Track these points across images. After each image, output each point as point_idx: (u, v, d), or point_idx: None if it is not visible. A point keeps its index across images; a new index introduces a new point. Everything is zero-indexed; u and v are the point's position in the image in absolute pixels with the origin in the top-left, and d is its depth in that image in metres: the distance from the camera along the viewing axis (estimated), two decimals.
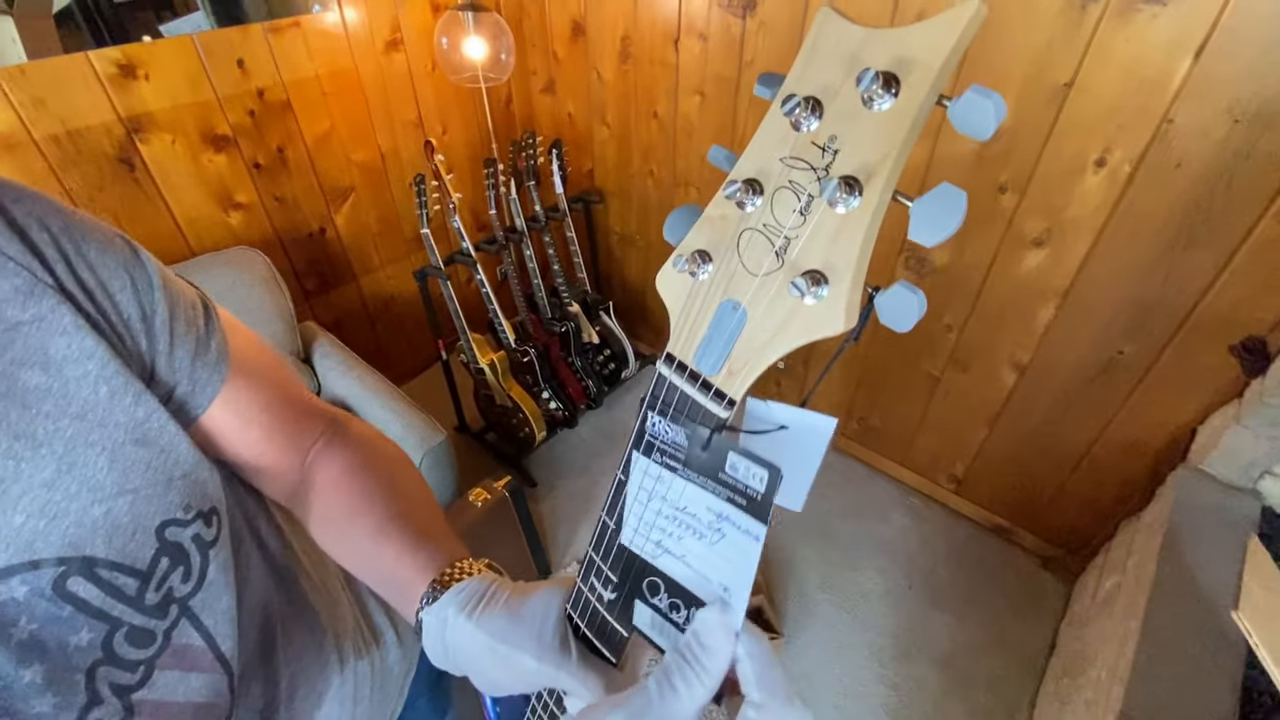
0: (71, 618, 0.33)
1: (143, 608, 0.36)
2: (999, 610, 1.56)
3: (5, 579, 0.31)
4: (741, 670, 0.28)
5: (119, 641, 0.36)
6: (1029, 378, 1.48)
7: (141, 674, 0.37)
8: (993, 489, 1.71)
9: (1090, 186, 1.21)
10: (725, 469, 0.27)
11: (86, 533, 0.33)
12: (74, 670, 0.34)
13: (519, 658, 0.34)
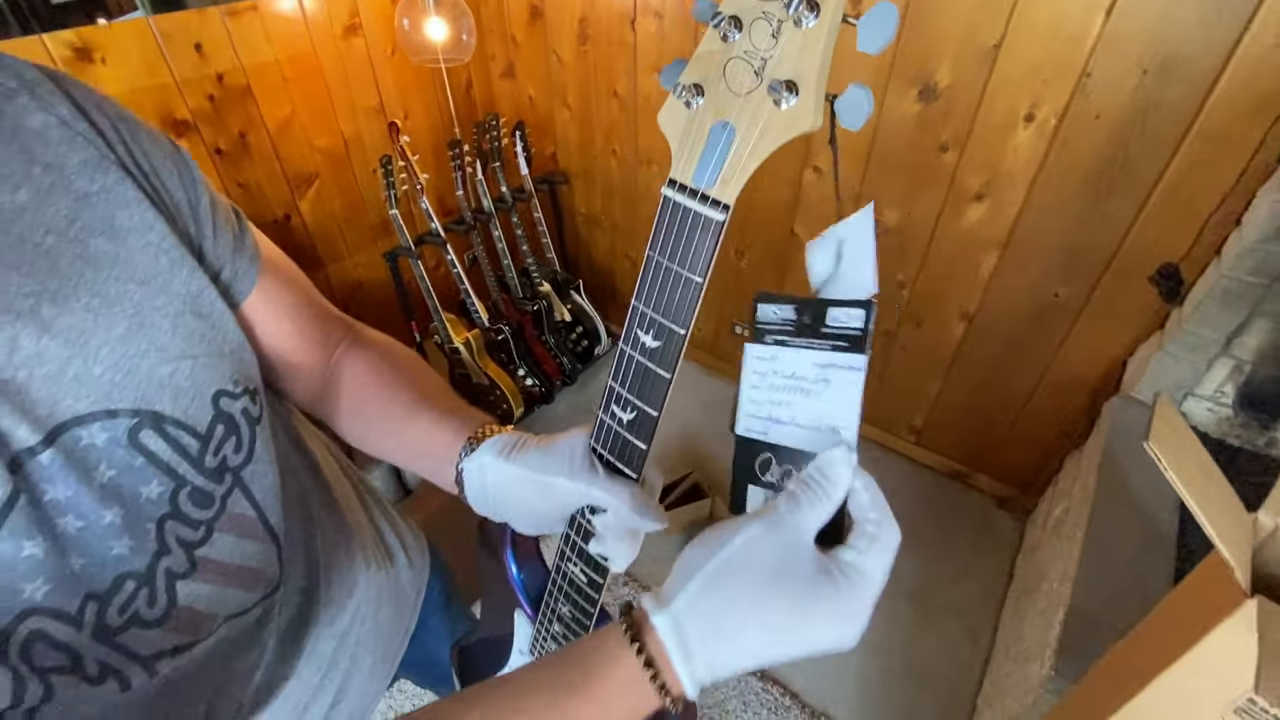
0: (143, 469, 0.37)
1: (203, 469, 0.40)
2: (961, 548, 1.67)
3: (87, 424, 0.34)
4: (857, 500, 0.32)
5: (183, 499, 0.39)
6: (976, 326, 1.59)
7: (203, 533, 0.41)
8: (949, 437, 1.82)
9: (1022, 140, 1.31)
10: (827, 323, 0.33)
11: (154, 390, 0.37)
12: (146, 519, 0.38)
13: (553, 481, 0.39)
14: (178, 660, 0.40)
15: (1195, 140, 1.13)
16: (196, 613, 0.41)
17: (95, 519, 0.36)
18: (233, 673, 0.45)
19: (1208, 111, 1.10)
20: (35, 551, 0.33)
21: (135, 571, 0.38)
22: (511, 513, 0.43)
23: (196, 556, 0.41)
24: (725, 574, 0.31)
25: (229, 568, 0.43)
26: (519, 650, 0.53)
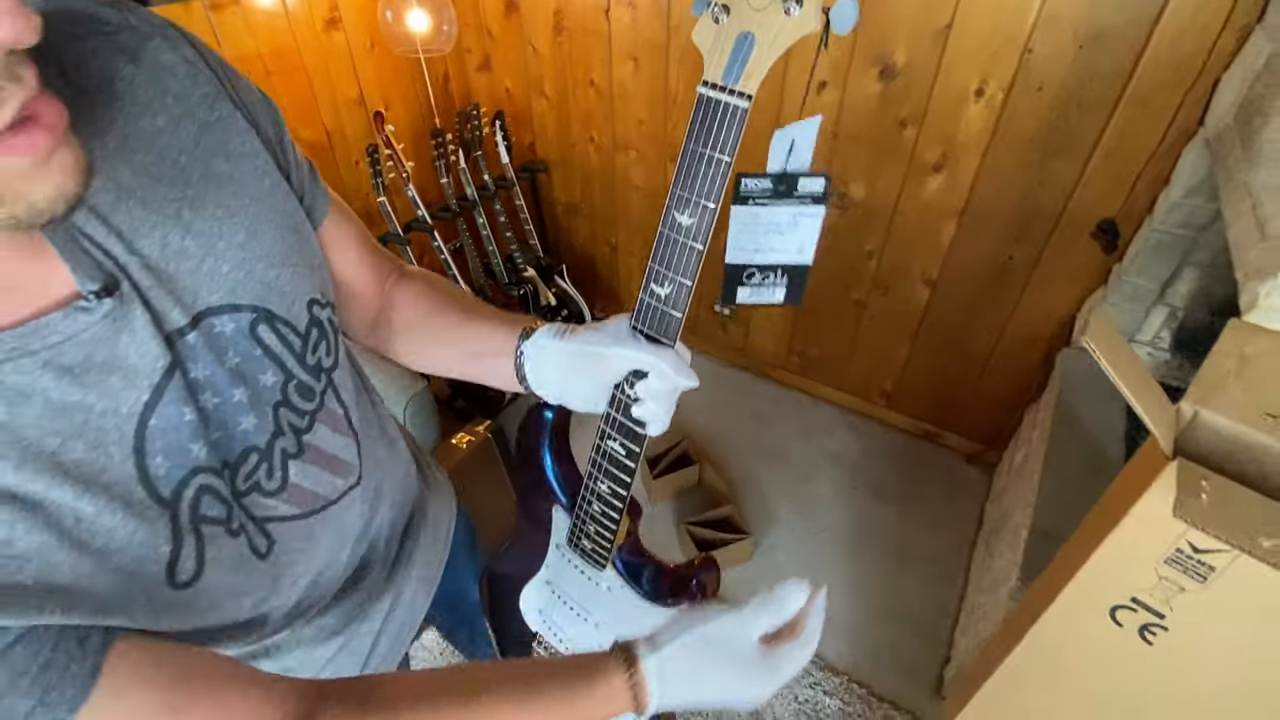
0: (261, 359, 0.43)
1: (305, 366, 0.46)
2: (934, 499, 1.78)
3: (219, 315, 0.41)
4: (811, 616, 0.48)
5: (292, 390, 0.46)
6: (940, 291, 1.70)
7: (308, 422, 0.48)
8: (918, 399, 1.94)
9: (974, 114, 1.43)
10: (798, 189, 0.42)
11: (265, 290, 0.43)
12: (265, 403, 0.44)
13: (605, 351, 0.47)
14: (287, 527, 0.46)
15: (1126, 106, 1.25)
16: (303, 490, 0.48)
17: (228, 397, 0.42)
18: (327, 549, 0.52)
19: (1136, 79, 1.22)
20: (192, 418, 0.39)
21: (258, 446, 0.44)
22: (566, 388, 0.51)
23: (304, 441, 0.47)
24: (702, 644, 0.45)
25: (326, 455, 0.49)
26: (555, 545, 0.60)
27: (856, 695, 1.35)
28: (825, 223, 1.65)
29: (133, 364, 0.37)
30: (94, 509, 0.36)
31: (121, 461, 0.37)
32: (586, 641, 0.61)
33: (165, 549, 0.39)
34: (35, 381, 0.33)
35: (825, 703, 1.34)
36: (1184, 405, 0.66)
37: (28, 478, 0.33)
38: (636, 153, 2.00)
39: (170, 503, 0.39)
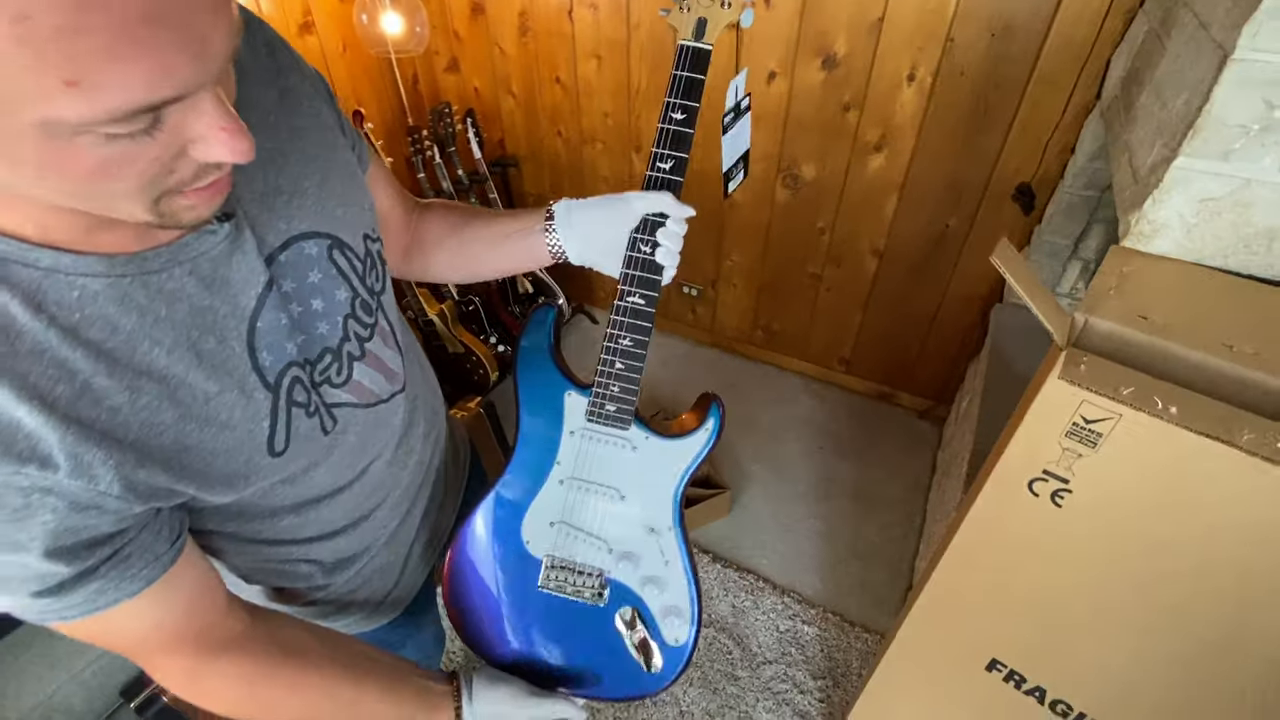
0: (335, 278, 0.53)
1: (365, 287, 0.57)
2: (891, 453, 1.94)
3: (304, 240, 0.51)
4: None
5: (357, 306, 0.56)
6: (886, 260, 1.87)
7: (368, 333, 0.58)
8: (873, 363, 2.10)
9: (907, 97, 1.59)
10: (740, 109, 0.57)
11: (337, 223, 0.54)
12: (337, 314, 0.54)
13: (625, 197, 0.61)
14: (347, 413, 0.57)
15: (1035, 85, 1.43)
16: (363, 386, 0.58)
17: (309, 306, 0.52)
18: (375, 441, 0.62)
19: (1041, 61, 1.40)
20: (286, 322, 0.50)
21: (331, 348, 0.54)
22: (590, 242, 0.63)
23: (365, 348, 0.58)
24: (497, 717, 0.64)
25: (380, 361, 0.60)
26: (569, 431, 0.70)
27: (832, 623, 1.49)
28: (779, 202, 1.80)
29: (243, 277, 0.47)
30: (219, 389, 0.46)
31: (240, 353, 0.47)
32: (612, 530, 0.69)
33: (266, 424, 0.49)
34: (183, 287, 0.43)
35: (804, 630, 1.47)
36: (1076, 316, 0.82)
37: (176, 361, 0.43)
38: (603, 145, 2.12)
39: (273, 388, 0.49)
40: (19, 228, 0.37)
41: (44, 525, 0.39)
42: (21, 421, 0.37)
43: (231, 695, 0.54)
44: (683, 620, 0.70)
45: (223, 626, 0.53)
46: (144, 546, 0.45)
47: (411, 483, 0.70)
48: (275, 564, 0.63)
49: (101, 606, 0.44)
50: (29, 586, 0.40)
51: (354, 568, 0.68)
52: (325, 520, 0.62)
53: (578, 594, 0.70)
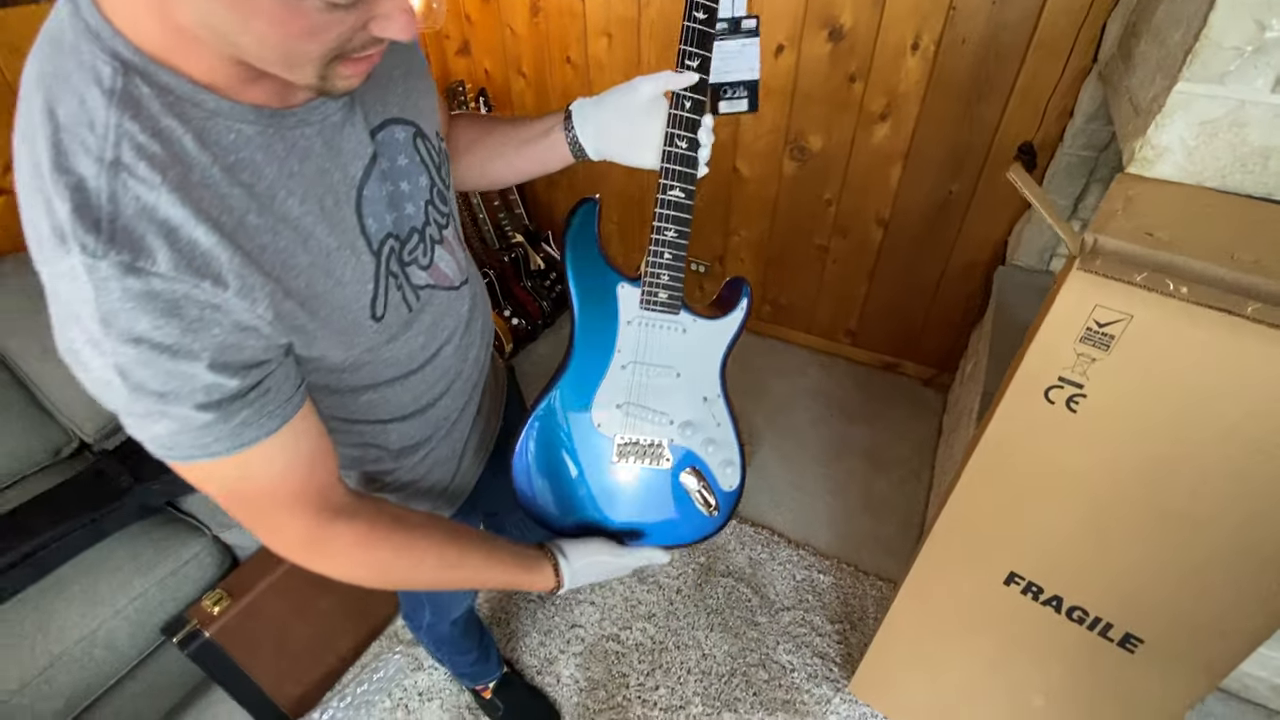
0: (417, 165, 0.58)
1: (440, 178, 0.61)
2: (899, 418, 1.99)
3: (395, 124, 0.56)
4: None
5: (434, 196, 0.61)
6: (891, 230, 1.92)
7: (445, 220, 0.63)
8: (879, 334, 2.16)
9: (911, 66, 1.65)
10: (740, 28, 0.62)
11: (419, 113, 0.58)
12: (420, 199, 0.59)
13: (631, 88, 0.66)
14: (427, 294, 0.62)
15: (1034, 51, 1.49)
16: (440, 270, 0.63)
17: (400, 187, 0.56)
18: (443, 328, 0.67)
19: (1040, 28, 1.46)
20: (385, 195, 0.54)
21: (417, 229, 0.58)
22: (608, 132, 0.68)
23: (443, 234, 0.63)
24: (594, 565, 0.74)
25: (453, 250, 0.65)
26: (626, 321, 0.74)
27: (846, 572, 1.53)
28: (786, 175, 1.85)
29: (353, 148, 0.51)
30: (337, 244, 0.50)
31: (350, 217, 0.51)
32: (673, 403, 0.75)
33: (370, 286, 0.54)
34: (311, 146, 0.48)
35: (820, 579, 1.51)
36: (1085, 235, 0.87)
37: (305, 213, 0.48)
38: None
39: (375, 253, 0.54)
40: (190, 70, 0.41)
41: (213, 338, 0.43)
42: (199, 241, 0.41)
43: (347, 557, 0.58)
44: (734, 468, 0.79)
45: (337, 491, 0.57)
46: (279, 386, 0.49)
47: (470, 376, 0.74)
48: (351, 446, 0.67)
49: (246, 442, 0.48)
50: (196, 397, 0.44)
51: (417, 455, 0.72)
52: (396, 404, 0.66)
53: (648, 464, 0.77)
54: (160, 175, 0.40)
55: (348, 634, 1.38)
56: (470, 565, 0.65)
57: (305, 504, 0.55)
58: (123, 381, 0.42)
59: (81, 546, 1.14)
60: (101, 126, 0.39)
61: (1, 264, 1.29)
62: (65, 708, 1.05)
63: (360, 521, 0.58)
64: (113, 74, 0.39)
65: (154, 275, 0.40)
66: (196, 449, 0.47)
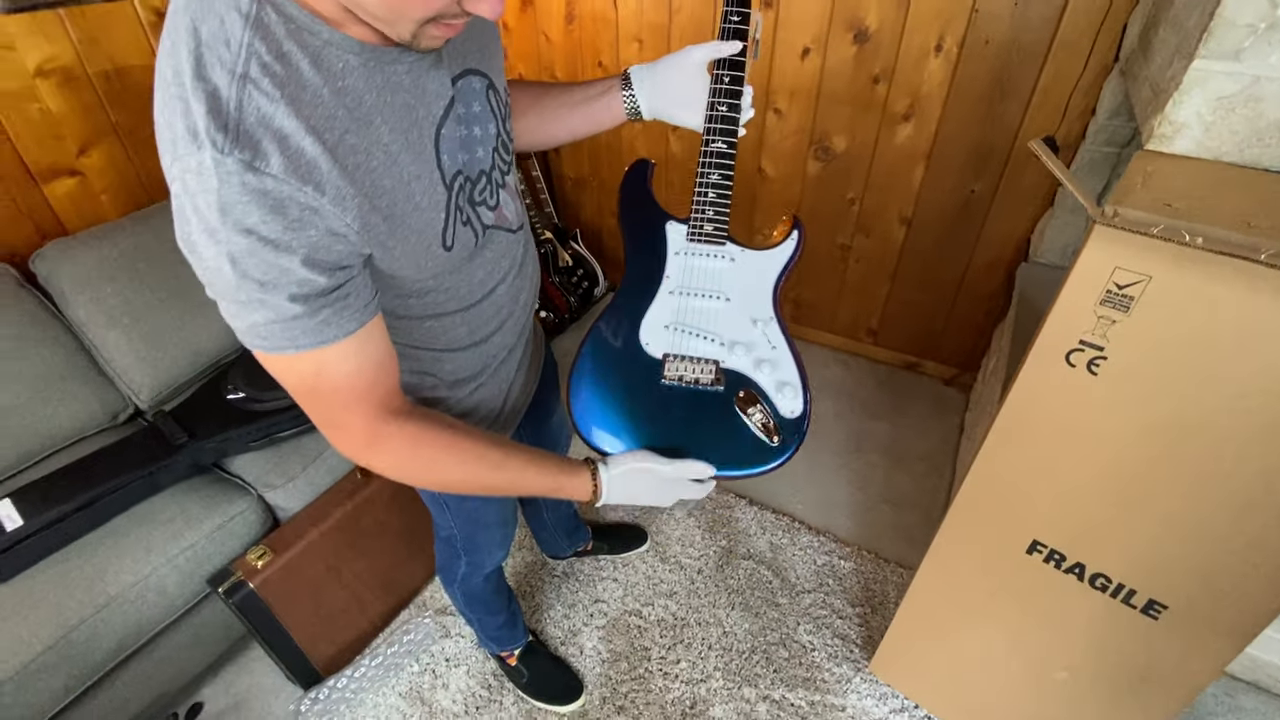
0: (488, 113, 0.64)
1: (505, 130, 0.68)
2: (919, 415, 2.01)
3: (472, 74, 0.62)
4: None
5: (500, 144, 0.67)
6: (914, 229, 1.96)
7: (508, 166, 0.69)
8: (900, 333, 2.18)
9: (934, 67, 1.70)
10: None
11: (493, 68, 0.65)
12: (488, 145, 0.65)
13: (684, 53, 0.72)
14: (490, 234, 0.68)
15: (1056, 50, 1.53)
16: (504, 213, 0.69)
17: (472, 131, 0.62)
18: (500, 268, 0.73)
19: (1061, 28, 1.51)
20: (460, 136, 0.60)
21: (485, 171, 0.65)
22: (661, 91, 0.75)
23: (505, 180, 0.69)
24: (636, 472, 0.75)
25: (513, 195, 0.72)
26: (674, 252, 0.80)
27: (866, 559, 1.54)
28: (810, 175, 1.89)
29: (435, 90, 0.58)
30: (417, 173, 0.56)
31: (429, 150, 0.57)
32: (722, 325, 0.78)
33: (442, 216, 0.60)
34: (401, 82, 0.54)
35: (840, 564, 1.53)
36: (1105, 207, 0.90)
37: (394, 139, 0.54)
38: (641, 125, 2.24)
39: (448, 187, 0.60)
40: (310, 3, 0.48)
41: (309, 238, 0.49)
42: (306, 150, 0.48)
43: (401, 454, 0.63)
44: (795, 391, 0.78)
45: (397, 397, 0.63)
46: (358, 293, 0.55)
47: (518, 318, 0.80)
48: (410, 373, 0.73)
49: (326, 339, 0.53)
50: (290, 289, 0.50)
51: (468, 388, 0.77)
52: (453, 335, 0.71)
53: (697, 381, 0.78)
54: (280, 90, 0.46)
55: (379, 600, 1.42)
56: (513, 466, 0.69)
57: (369, 404, 0.60)
58: (232, 269, 0.48)
59: (137, 498, 1.20)
60: (236, 44, 0.45)
61: (73, 239, 1.38)
62: (117, 648, 1.10)
63: (414, 422, 0.64)
64: (249, 2, 0.46)
65: (267, 175, 0.46)
66: (285, 340, 0.52)
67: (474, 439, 0.68)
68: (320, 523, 1.26)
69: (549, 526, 1.44)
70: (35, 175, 1.42)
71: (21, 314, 1.29)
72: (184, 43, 0.46)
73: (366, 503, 1.32)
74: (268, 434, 1.32)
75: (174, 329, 1.42)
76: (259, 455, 1.34)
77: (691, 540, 1.62)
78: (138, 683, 1.17)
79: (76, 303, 1.35)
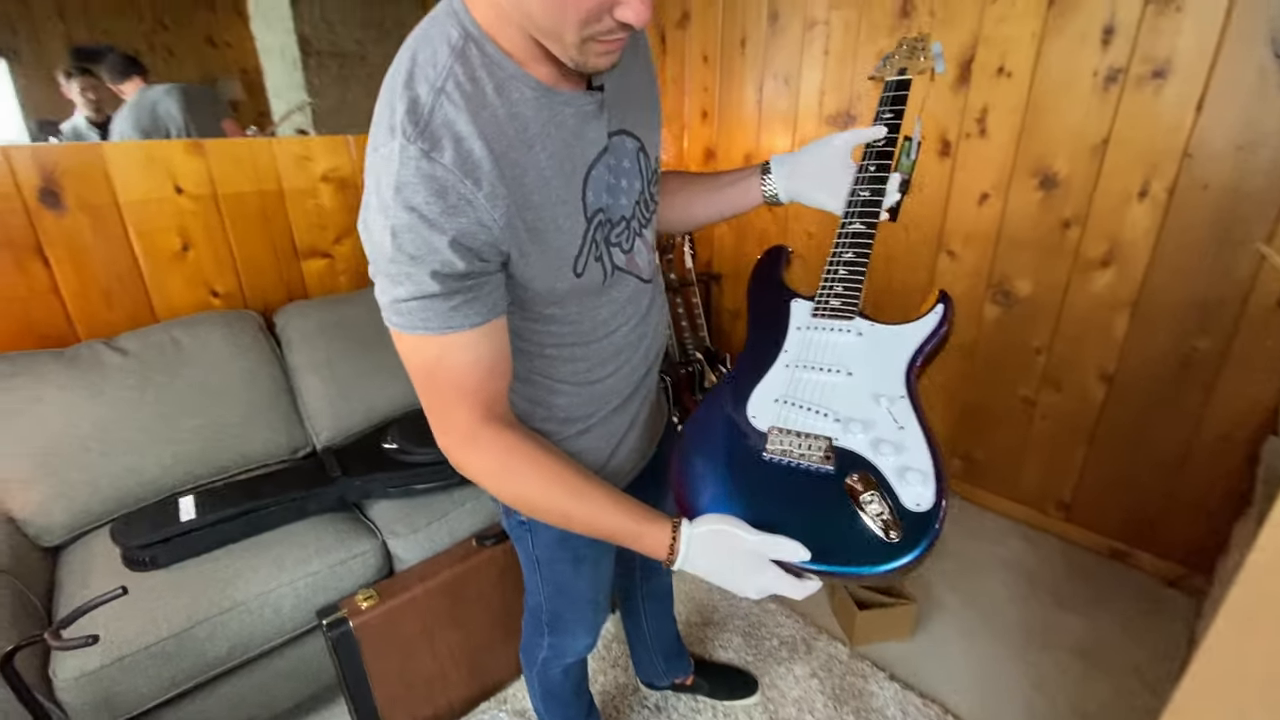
0: (636, 172, 0.70)
1: (649, 191, 0.73)
2: (1130, 616, 1.59)
3: (628, 135, 0.68)
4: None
5: (643, 201, 0.72)
6: (1117, 386, 1.69)
7: (646, 223, 0.74)
8: (1102, 510, 1.81)
9: (1138, 213, 1.56)
10: None
11: (649, 135, 0.72)
12: (631, 197, 0.70)
13: (827, 141, 0.75)
14: (618, 276, 0.71)
15: None
16: (635, 260, 0.73)
17: (619, 182, 0.68)
18: (624, 311, 0.74)
19: None
20: (606, 181, 0.65)
21: (625, 218, 0.69)
22: (800, 175, 0.76)
23: (643, 233, 0.74)
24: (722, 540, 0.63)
25: (648, 247, 0.76)
26: (796, 327, 0.75)
27: None
28: (988, 319, 1.75)
29: (592, 138, 0.64)
30: (563, 199, 0.62)
31: (577, 184, 0.63)
32: (839, 400, 0.69)
33: (578, 244, 0.64)
34: (565, 122, 0.62)
35: None
36: None
37: (550, 166, 0.61)
38: (801, 261, 2.29)
39: (588, 220, 0.64)
40: (503, 43, 0.57)
41: (460, 224, 0.55)
42: (474, 151, 0.55)
43: (491, 459, 0.65)
44: (924, 479, 0.62)
45: (503, 405, 0.66)
46: (488, 293, 0.60)
47: (637, 368, 0.80)
48: (523, 400, 0.74)
49: (454, 326, 0.58)
50: (433, 265, 0.55)
51: (576, 427, 0.77)
52: (570, 369, 0.74)
53: (803, 457, 0.66)
54: (465, 103, 0.55)
55: (464, 682, 1.35)
56: (593, 498, 0.66)
57: (477, 402, 0.63)
58: (392, 241, 0.55)
59: (287, 519, 1.31)
60: (441, 67, 0.56)
61: (308, 303, 1.69)
62: (226, 655, 1.14)
63: (513, 433, 0.65)
64: (458, 37, 0.57)
65: (439, 164, 0.54)
66: (419, 320, 0.58)
67: (565, 465, 0.67)
68: (428, 579, 1.26)
69: (648, 642, 1.30)
70: (299, 253, 1.79)
71: (259, 352, 1.57)
72: (404, 63, 0.57)
73: (474, 571, 1.31)
74: (407, 484, 1.40)
75: (360, 386, 1.62)
76: (395, 504, 1.41)
77: (811, 705, 1.35)
78: (230, 701, 1.19)
79: (296, 350, 1.61)
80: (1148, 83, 1.48)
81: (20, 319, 1.42)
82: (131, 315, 1.55)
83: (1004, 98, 1.70)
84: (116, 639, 1.06)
